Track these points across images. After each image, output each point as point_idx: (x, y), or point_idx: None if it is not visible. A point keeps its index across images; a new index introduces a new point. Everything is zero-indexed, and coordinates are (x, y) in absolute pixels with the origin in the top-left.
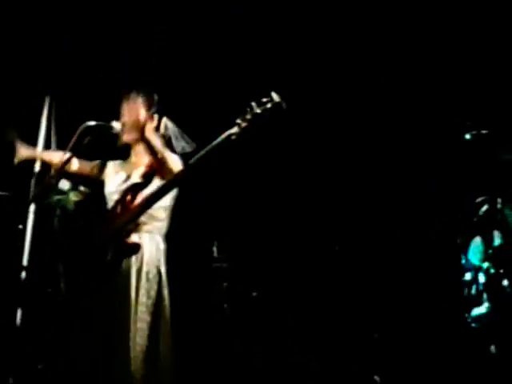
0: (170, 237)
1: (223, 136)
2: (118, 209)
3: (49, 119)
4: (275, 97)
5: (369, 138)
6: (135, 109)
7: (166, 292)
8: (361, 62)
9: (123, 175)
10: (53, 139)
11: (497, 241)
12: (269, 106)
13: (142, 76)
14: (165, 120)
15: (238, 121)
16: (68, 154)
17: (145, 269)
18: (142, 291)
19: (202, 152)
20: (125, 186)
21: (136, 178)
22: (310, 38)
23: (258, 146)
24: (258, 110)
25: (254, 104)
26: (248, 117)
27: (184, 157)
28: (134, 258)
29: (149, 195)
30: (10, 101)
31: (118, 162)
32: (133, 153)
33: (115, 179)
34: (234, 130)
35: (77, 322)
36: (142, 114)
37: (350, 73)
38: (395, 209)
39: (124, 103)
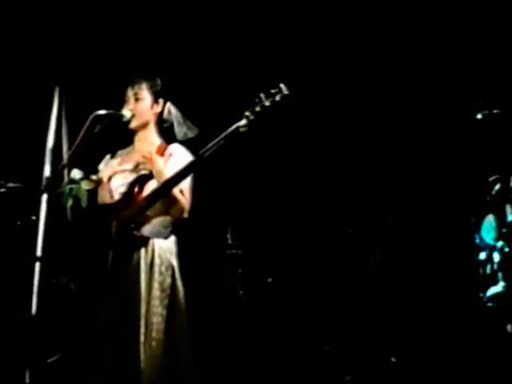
0: (183, 225)
1: (231, 129)
2: (126, 201)
3: (59, 109)
4: (284, 88)
5: (378, 117)
6: (142, 95)
7: (179, 284)
8: (366, 43)
9: (129, 166)
10: (63, 130)
11: (510, 218)
12: (278, 98)
13: (148, 64)
14: (168, 105)
15: (247, 113)
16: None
17: (157, 262)
18: (156, 285)
19: (211, 144)
20: (131, 178)
21: (143, 169)
22: (312, 23)
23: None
24: (267, 103)
25: (262, 96)
26: (257, 109)
27: (191, 145)
28: (143, 252)
29: (157, 188)
30: (20, 92)
31: (120, 153)
32: (136, 139)
33: (122, 172)
34: (243, 122)
35: (87, 317)
36: (149, 99)
37: (354, 56)
38: (408, 189)
39: (129, 90)
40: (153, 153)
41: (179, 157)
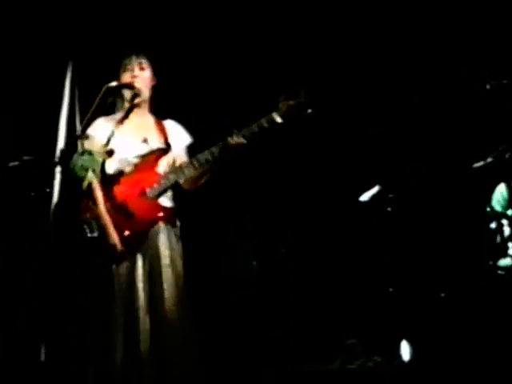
0: (198, 197)
1: (267, 117)
2: (141, 172)
3: (72, 83)
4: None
5: (379, 117)
6: (145, 64)
7: None
8: (367, 44)
9: (137, 138)
10: (76, 103)
11: None
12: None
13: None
14: None
15: (280, 105)
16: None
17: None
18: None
19: (250, 129)
20: (145, 150)
21: (156, 142)
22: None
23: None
24: (302, 99)
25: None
26: (291, 103)
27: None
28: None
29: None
30: (33, 66)
31: (111, 118)
32: (137, 113)
33: (131, 143)
34: (276, 114)
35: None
36: (149, 71)
37: (355, 56)
38: (417, 158)
39: (133, 59)
40: (164, 125)
41: (181, 133)
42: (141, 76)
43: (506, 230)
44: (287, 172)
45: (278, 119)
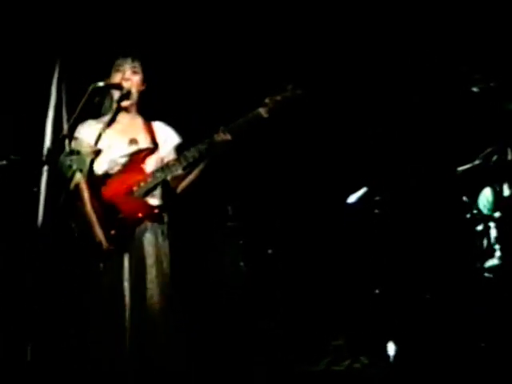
0: (184, 197)
1: (253, 113)
2: (129, 172)
3: (59, 83)
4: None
5: (379, 90)
6: (138, 69)
7: None
8: (367, 44)
9: (125, 139)
10: (63, 102)
11: (507, 191)
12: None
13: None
14: None
15: (267, 101)
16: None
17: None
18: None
19: (236, 125)
20: (132, 149)
21: (144, 142)
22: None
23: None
24: (288, 94)
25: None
26: (277, 98)
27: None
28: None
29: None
30: (20, 64)
31: (100, 121)
32: (125, 114)
33: (118, 143)
34: (263, 109)
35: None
36: (141, 75)
37: (355, 56)
38: (404, 160)
39: (126, 62)
40: (153, 126)
41: (170, 133)
42: (132, 79)
43: (493, 233)
44: (275, 172)
45: (265, 115)
